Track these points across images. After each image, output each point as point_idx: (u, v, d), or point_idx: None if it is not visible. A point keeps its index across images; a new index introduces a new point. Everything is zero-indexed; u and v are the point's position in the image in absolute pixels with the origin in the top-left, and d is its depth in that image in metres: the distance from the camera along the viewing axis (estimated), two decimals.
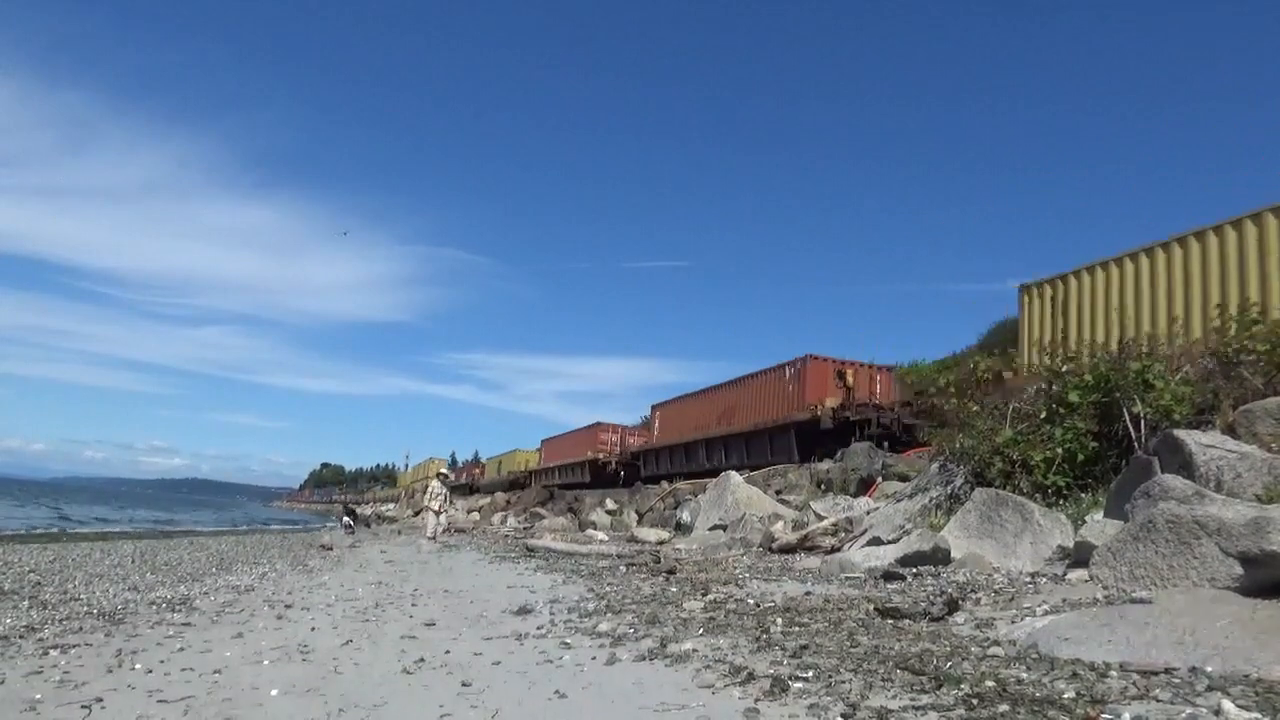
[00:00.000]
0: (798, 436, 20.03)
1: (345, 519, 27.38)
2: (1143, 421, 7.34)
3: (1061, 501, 7.39)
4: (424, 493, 19.69)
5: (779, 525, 10.96)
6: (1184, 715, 2.53)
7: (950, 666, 3.32)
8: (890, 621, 4.49)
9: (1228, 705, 2.51)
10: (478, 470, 61.32)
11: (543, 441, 44.25)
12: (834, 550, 8.79)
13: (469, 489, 54.84)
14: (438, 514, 18.50)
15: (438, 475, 19.81)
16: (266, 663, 4.42)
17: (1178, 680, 2.87)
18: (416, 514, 43.51)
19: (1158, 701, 2.67)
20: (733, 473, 14.98)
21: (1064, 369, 8.57)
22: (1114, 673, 3.02)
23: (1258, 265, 10.00)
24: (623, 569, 8.73)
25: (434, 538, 17.75)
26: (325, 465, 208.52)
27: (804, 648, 3.90)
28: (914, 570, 6.38)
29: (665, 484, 22.58)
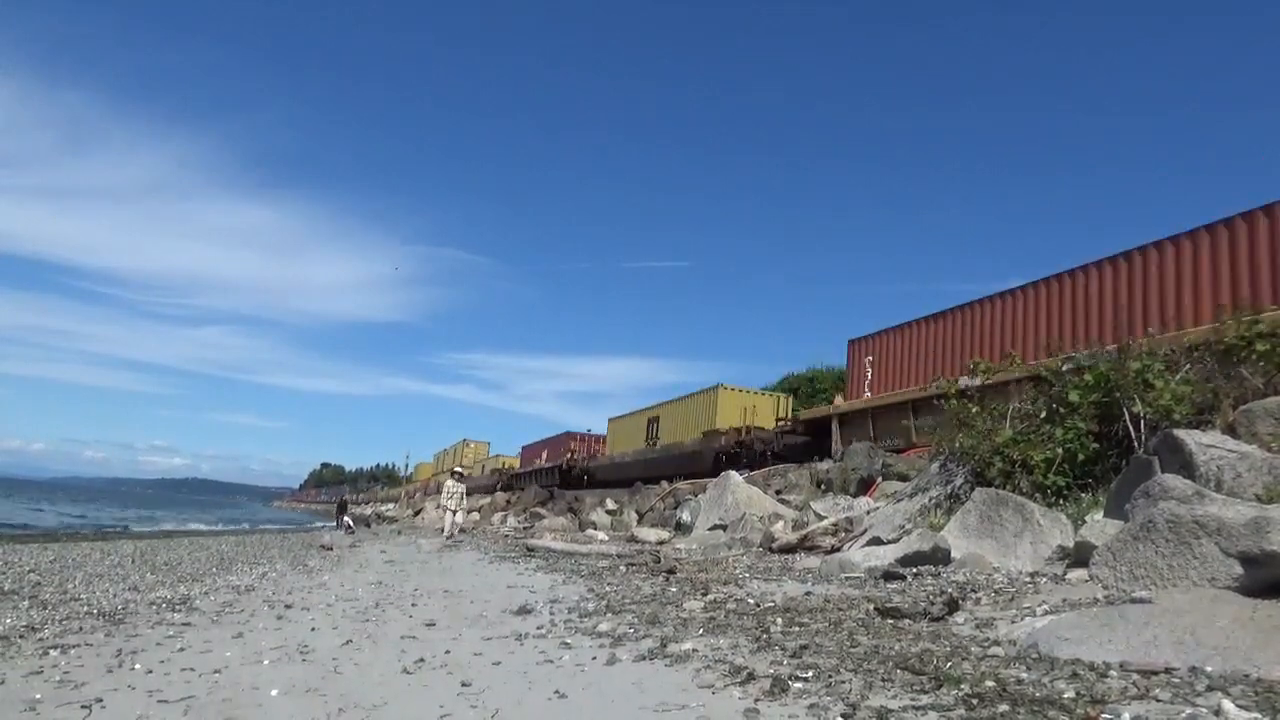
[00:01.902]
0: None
1: (345, 518, 27.42)
2: (1143, 421, 7.33)
3: (1061, 501, 7.38)
4: (442, 490, 19.59)
5: (779, 525, 10.96)
6: (1184, 715, 2.53)
7: (950, 666, 3.32)
8: (890, 621, 4.49)
9: (1228, 705, 2.51)
10: (589, 445, 37.45)
11: (853, 344, 20.00)
12: (834, 550, 8.79)
13: (564, 479, 33.95)
14: (454, 513, 18.50)
15: (453, 474, 19.75)
16: (266, 663, 4.43)
17: (1178, 680, 2.87)
18: (416, 514, 43.36)
19: (1158, 701, 2.67)
20: (733, 472, 14.97)
21: (1064, 368, 8.57)
22: (1114, 673, 3.02)
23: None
24: (623, 569, 8.73)
25: (451, 536, 17.77)
26: (325, 465, 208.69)
27: (804, 648, 3.90)
28: (914, 570, 6.38)
29: (665, 484, 22.55)
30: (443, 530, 19.41)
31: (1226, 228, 11.14)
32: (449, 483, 19.27)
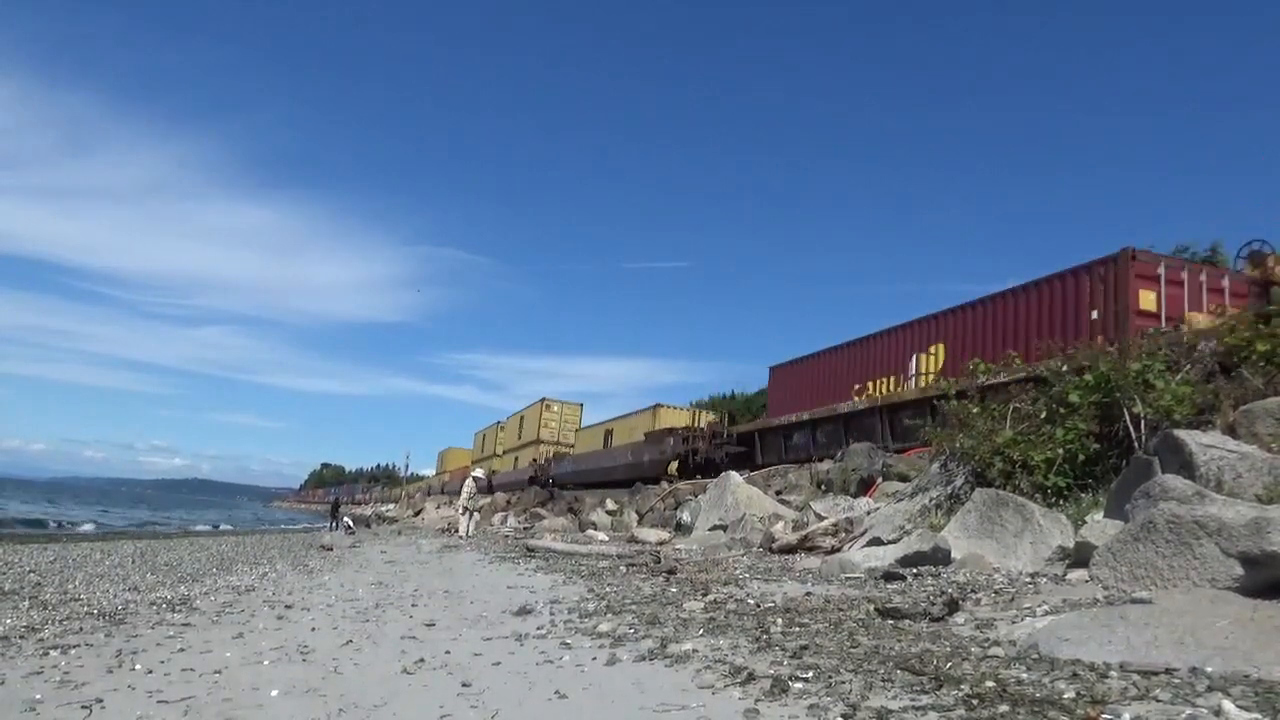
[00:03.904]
0: None
1: (345, 519, 27.46)
2: (1143, 422, 7.33)
3: (1062, 502, 7.38)
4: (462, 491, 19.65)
5: (779, 525, 10.96)
6: (1184, 716, 2.53)
7: (950, 667, 3.32)
8: (890, 622, 4.49)
9: (1228, 706, 2.51)
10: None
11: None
12: (834, 550, 8.79)
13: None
14: (473, 513, 18.66)
15: (473, 476, 19.91)
16: (267, 663, 4.43)
17: (1178, 681, 2.87)
18: (417, 514, 43.28)
19: (1158, 702, 2.67)
20: (733, 473, 14.97)
21: (1064, 369, 8.57)
22: (1114, 673, 3.02)
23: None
24: (623, 569, 8.72)
25: (466, 535, 17.86)
26: (325, 465, 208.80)
27: (804, 648, 3.89)
28: (914, 570, 6.38)
29: (665, 484, 22.54)
30: (457, 531, 19.41)
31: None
32: (469, 483, 19.36)
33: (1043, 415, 8.26)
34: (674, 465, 24.31)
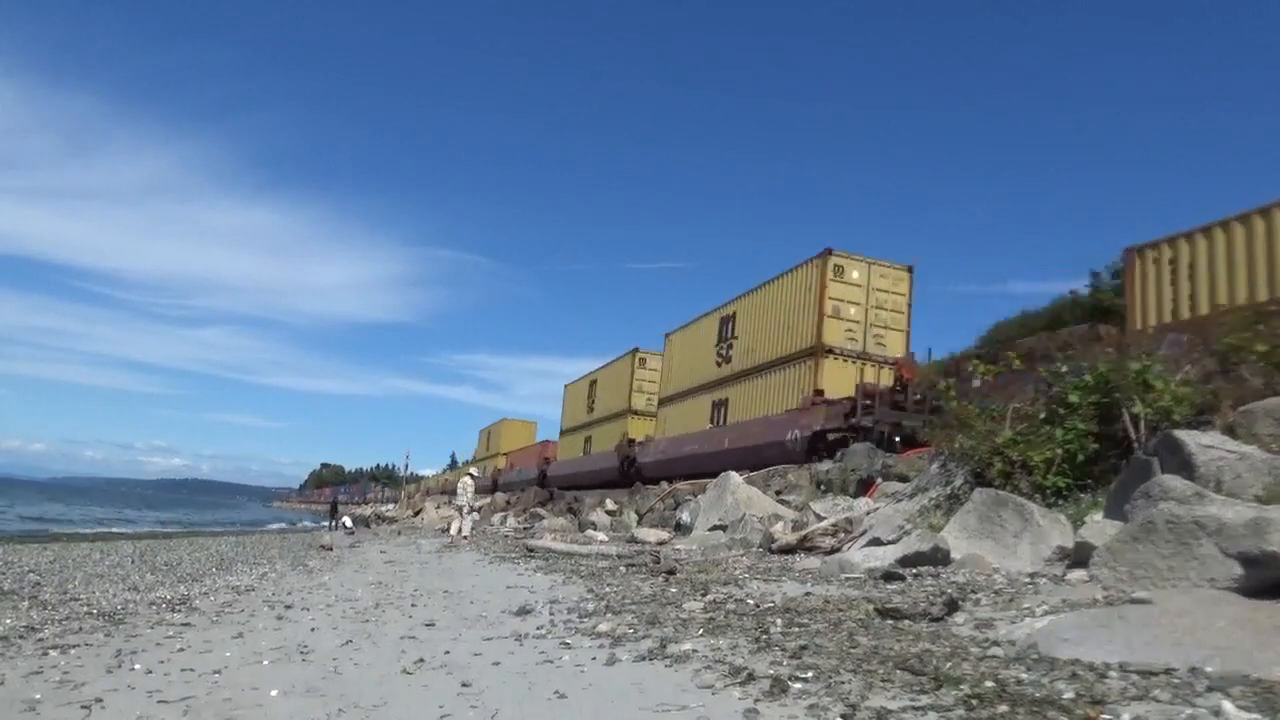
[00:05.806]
0: None
1: (344, 519, 27.50)
2: (1142, 422, 7.33)
3: (1061, 502, 7.38)
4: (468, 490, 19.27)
5: (779, 526, 10.95)
6: (1184, 716, 2.53)
7: (950, 667, 3.32)
8: (890, 622, 4.49)
9: (1227, 706, 2.51)
10: None
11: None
12: (834, 551, 8.78)
13: None
14: (474, 511, 18.60)
15: (470, 475, 19.82)
16: (266, 663, 4.43)
17: (1177, 681, 2.87)
18: (416, 514, 43.21)
19: (1157, 702, 2.67)
20: (733, 473, 14.97)
21: (1063, 369, 8.57)
22: (1114, 673, 3.02)
23: None
24: (622, 569, 8.73)
25: (467, 536, 17.82)
26: (325, 465, 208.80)
27: (804, 648, 3.90)
28: (914, 571, 6.38)
29: (665, 484, 22.55)
30: (459, 531, 19.36)
31: None
32: (465, 480, 19.29)
33: (1042, 415, 8.26)
34: None
